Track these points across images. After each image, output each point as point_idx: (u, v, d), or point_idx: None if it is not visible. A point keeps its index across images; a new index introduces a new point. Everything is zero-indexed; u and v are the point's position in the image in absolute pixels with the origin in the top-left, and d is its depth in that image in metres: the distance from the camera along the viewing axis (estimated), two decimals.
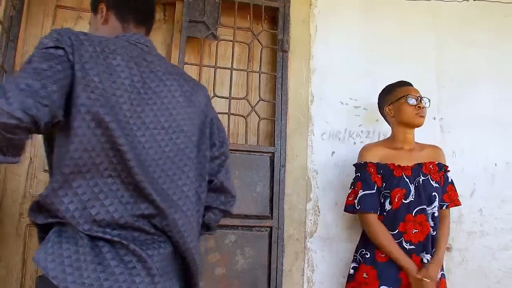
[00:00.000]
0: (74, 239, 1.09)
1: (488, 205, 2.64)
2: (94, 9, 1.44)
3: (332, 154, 2.48)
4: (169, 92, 1.28)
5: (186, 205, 1.25)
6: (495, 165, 2.68)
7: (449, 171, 2.21)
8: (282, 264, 2.30)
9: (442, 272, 2.07)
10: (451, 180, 2.20)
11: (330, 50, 2.58)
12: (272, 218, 2.30)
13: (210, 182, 1.40)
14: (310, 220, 2.40)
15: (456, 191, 2.20)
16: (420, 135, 2.51)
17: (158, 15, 2.54)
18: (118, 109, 1.14)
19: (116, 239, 1.10)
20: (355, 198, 2.10)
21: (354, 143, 2.51)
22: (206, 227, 1.44)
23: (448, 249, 2.53)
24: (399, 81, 2.26)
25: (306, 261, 2.36)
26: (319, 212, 2.41)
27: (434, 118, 2.64)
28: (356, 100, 2.54)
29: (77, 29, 1.61)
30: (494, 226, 2.63)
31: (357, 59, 2.60)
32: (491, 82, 2.77)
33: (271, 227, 2.30)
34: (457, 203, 2.19)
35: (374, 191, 2.07)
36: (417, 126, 2.18)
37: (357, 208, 2.08)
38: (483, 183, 2.65)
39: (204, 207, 1.38)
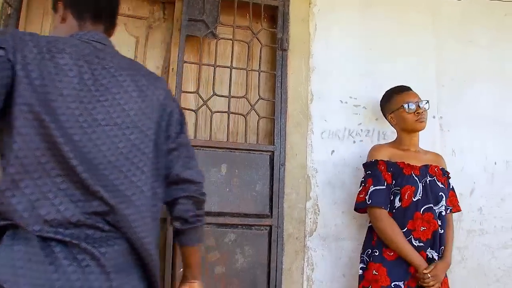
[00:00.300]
0: (25, 240, 1.08)
1: (487, 203, 2.64)
2: (54, 7, 1.44)
3: (331, 153, 2.48)
4: (122, 88, 1.27)
5: (140, 200, 1.24)
6: (495, 164, 2.69)
7: (450, 177, 2.26)
8: (282, 263, 2.30)
9: None
10: (452, 186, 2.26)
11: (329, 49, 2.58)
12: (271, 217, 2.30)
13: (168, 175, 1.38)
14: (310, 218, 2.40)
15: (456, 197, 2.26)
16: (420, 134, 2.51)
17: (158, 13, 2.55)
18: (64, 108, 1.15)
19: (67, 239, 1.10)
20: (366, 194, 2.12)
21: (354, 141, 2.51)
22: (182, 221, 1.40)
23: None
24: (397, 87, 2.30)
25: (305, 259, 2.36)
26: (319, 211, 2.41)
27: (434, 117, 2.64)
28: (356, 99, 2.54)
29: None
30: (493, 224, 2.63)
31: (357, 58, 2.60)
32: (491, 81, 2.77)
33: (270, 226, 2.30)
34: (458, 208, 2.27)
35: (384, 187, 2.10)
36: (419, 131, 2.24)
37: (368, 202, 2.10)
38: (482, 182, 2.66)
39: (166, 202, 1.40)
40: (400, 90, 2.28)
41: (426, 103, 2.20)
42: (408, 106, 2.19)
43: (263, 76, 2.52)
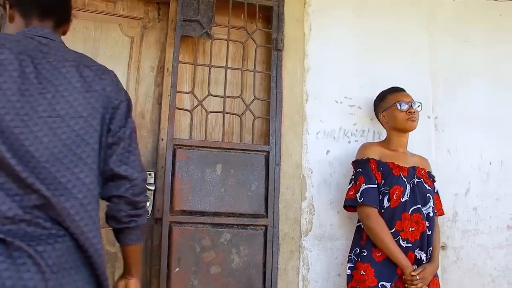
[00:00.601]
0: None
1: (483, 204, 2.65)
2: (3, 7, 1.49)
3: (327, 153, 2.48)
4: (65, 79, 1.27)
5: (82, 193, 1.22)
6: (490, 164, 2.69)
7: (435, 181, 2.28)
8: (277, 262, 2.30)
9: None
10: (437, 190, 2.28)
11: (324, 49, 2.58)
12: (267, 217, 2.30)
13: (104, 171, 1.34)
14: (305, 218, 2.40)
15: (440, 201, 2.29)
16: (415, 134, 2.52)
17: (153, 14, 2.55)
18: (4, 102, 1.16)
19: (1, 235, 1.08)
20: (356, 192, 2.13)
21: (349, 142, 2.52)
22: (115, 220, 1.36)
23: (443, 247, 2.53)
24: (391, 88, 2.33)
25: (301, 259, 2.36)
26: (314, 211, 2.41)
27: (429, 117, 2.64)
28: (351, 99, 2.55)
29: (71, 27, 1.63)
30: (489, 225, 2.63)
31: (352, 58, 2.61)
32: (486, 81, 2.78)
33: (266, 226, 2.29)
34: (441, 212, 2.30)
35: (375, 185, 2.12)
36: (410, 130, 2.26)
37: (359, 200, 2.10)
38: (477, 182, 2.66)
39: (103, 199, 1.35)
40: (394, 90, 2.31)
41: (419, 105, 2.23)
42: (401, 104, 2.21)
43: (258, 76, 2.52)
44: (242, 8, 2.45)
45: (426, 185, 2.15)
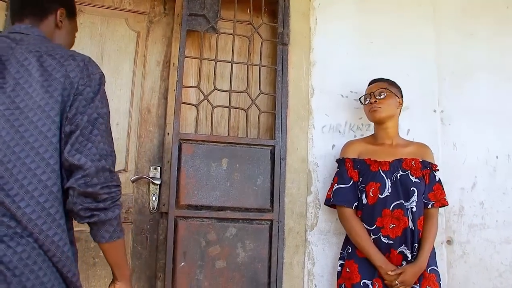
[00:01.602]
0: None
1: (489, 198, 2.63)
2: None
3: (332, 147, 2.48)
4: (26, 71, 1.26)
5: (38, 190, 1.19)
6: (497, 157, 2.67)
7: (437, 170, 2.22)
8: (283, 257, 2.31)
9: (432, 267, 2.07)
10: (439, 179, 2.20)
11: (330, 43, 2.57)
12: (272, 211, 2.30)
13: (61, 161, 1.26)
14: (311, 213, 2.40)
15: (443, 190, 2.19)
16: (421, 127, 2.53)
17: (159, 8, 2.55)
18: None
19: None
20: (332, 192, 2.17)
21: (355, 136, 2.51)
22: (75, 215, 1.28)
23: (449, 242, 2.53)
24: (371, 80, 2.31)
25: (306, 254, 2.37)
26: (320, 205, 2.41)
27: (435, 111, 2.63)
28: (357, 93, 2.53)
29: (78, 22, 1.65)
30: (495, 219, 2.62)
31: (358, 52, 2.60)
32: (492, 74, 2.75)
33: (271, 220, 2.30)
34: (443, 202, 2.18)
35: (348, 185, 2.13)
36: (377, 121, 2.23)
37: (331, 200, 2.15)
38: (484, 175, 2.64)
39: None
40: (370, 83, 2.31)
41: (381, 93, 2.17)
42: (364, 99, 2.26)
43: (263, 70, 2.52)
44: (248, 3, 2.44)
45: (413, 178, 2.08)
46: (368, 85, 2.29)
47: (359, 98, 2.31)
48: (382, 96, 2.17)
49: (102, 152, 1.26)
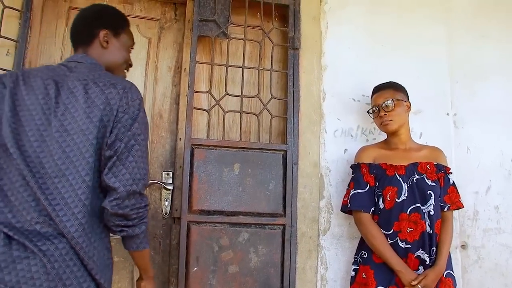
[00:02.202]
0: None
1: (504, 201, 2.60)
2: None
3: (344, 152, 2.47)
4: (74, 97, 1.41)
5: (75, 203, 1.35)
6: (511, 160, 2.64)
7: (450, 173, 2.21)
8: (295, 262, 2.30)
9: (448, 271, 2.06)
10: (453, 182, 2.19)
11: (341, 47, 2.57)
12: (285, 216, 2.30)
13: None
14: (323, 217, 2.39)
15: (458, 193, 2.18)
16: (433, 131, 2.51)
17: (169, 14, 2.56)
18: (28, 121, 1.39)
19: (11, 234, 1.29)
20: (348, 197, 2.15)
21: (367, 140, 2.50)
22: (109, 229, 1.46)
23: (464, 246, 2.50)
24: (375, 87, 2.29)
25: (319, 259, 2.36)
26: (332, 210, 2.40)
27: (448, 114, 2.61)
28: (368, 96, 2.51)
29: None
30: (511, 223, 2.58)
31: (369, 55, 2.59)
32: (506, 76, 2.73)
33: (284, 225, 2.29)
34: (459, 205, 2.17)
35: (364, 190, 2.11)
36: (390, 133, 2.22)
37: (348, 206, 2.13)
38: (499, 179, 2.62)
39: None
40: (374, 92, 2.28)
41: (389, 102, 2.15)
42: (372, 111, 2.25)
43: (275, 75, 2.52)
44: (258, 7, 2.45)
45: (429, 181, 2.07)
46: (372, 94, 2.27)
47: (367, 111, 2.30)
48: (390, 108, 2.15)
49: (135, 176, 1.41)
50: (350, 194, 2.14)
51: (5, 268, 1.25)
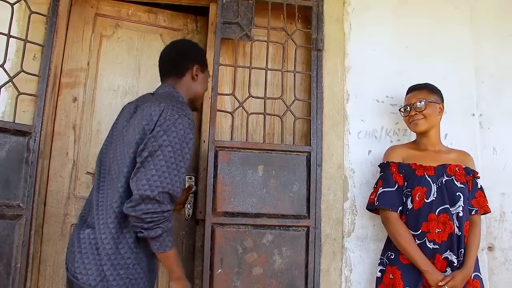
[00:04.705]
0: None
1: None
2: None
3: (368, 153, 2.46)
4: (131, 117, 1.68)
5: (108, 209, 1.58)
6: None
7: (478, 177, 2.19)
8: (320, 264, 2.30)
9: (476, 273, 2.04)
10: (481, 186, 2.18)
11: (364, 48, 2.56)
12: (309, 218, 2.30)
13: None
14: (348, 219, 2.39)
15: (485, 197, 2.17)
16: (459, 132, 2.48)
17: (191, 26, 2.66)
18: (113, 138, 1.72)
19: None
20: (375, 196, 2.14)
21: (391, 141, 2.48)
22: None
23: (490, 248, 2.47)
24: (409, 87, 2.28)
25: (343, 260, 2.35)
26: (357, 212, 2.39)
27: (473, 115, 2.58)
28: (392, 97, 2.51)
29: (115, 36, 1.84)
30: None
31: (393, 56, 2.57)
32: None
33: (308, 227, 2.29)
34: (486, 209, 2.16)
35: (393, 189, 2.10)
36: (418, 132, 2.21)
37: (376, 204, 2.11)
38: None
39: None
40: (408, 91, 2.27)
41: (423, 101, 2.14)
42: (404, 109, 2.24)
43: (298, 77, 2.52)
44: (281, 9, 2.45)
45: (458, 183, 2.06)
46: (407, 94, 2.25)
47: (399, 109, 2.28)
48: (422, 108, 2.14)
49: (153, 183, 1.50)
50: (378, 192, 2.12)
51: None
